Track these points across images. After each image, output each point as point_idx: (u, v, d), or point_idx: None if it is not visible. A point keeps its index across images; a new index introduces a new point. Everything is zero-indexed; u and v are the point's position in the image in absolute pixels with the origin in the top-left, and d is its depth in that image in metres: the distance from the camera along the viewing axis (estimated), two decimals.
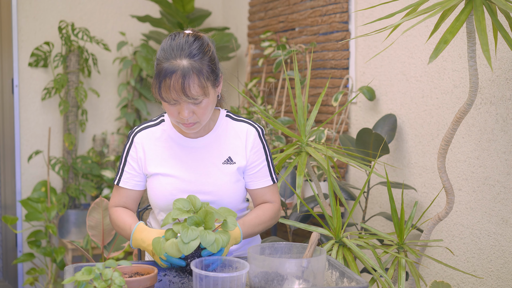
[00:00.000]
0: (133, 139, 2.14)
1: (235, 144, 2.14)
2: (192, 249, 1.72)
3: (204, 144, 2.13)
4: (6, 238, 4.50)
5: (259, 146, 2.15)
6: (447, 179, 2.44)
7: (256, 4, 4.46)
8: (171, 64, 1.93)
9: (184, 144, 2.13)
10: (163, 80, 1.93)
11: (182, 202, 1.81)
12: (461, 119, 2.35)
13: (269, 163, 2.17)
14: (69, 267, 1.84)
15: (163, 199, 2.10)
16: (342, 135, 3.33)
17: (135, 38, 4.66)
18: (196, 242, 1.73)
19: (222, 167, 2.11)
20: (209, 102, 1.99)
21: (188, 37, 1.99)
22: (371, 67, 3.33)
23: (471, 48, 2.24)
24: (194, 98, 1.94)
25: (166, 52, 1.96)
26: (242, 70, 4.65)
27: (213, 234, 1.75)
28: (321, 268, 1.75)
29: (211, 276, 1.67)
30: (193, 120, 1.99)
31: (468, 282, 2.77)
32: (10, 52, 4.38)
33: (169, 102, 1.95)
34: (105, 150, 4.52)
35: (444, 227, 2.88)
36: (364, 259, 2.28)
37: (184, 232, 1.74)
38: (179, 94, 1.92)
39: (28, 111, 4.43)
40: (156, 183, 2.11)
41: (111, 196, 2.19)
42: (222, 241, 1.77)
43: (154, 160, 2.12)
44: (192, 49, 1.96)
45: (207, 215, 1.79)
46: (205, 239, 1.74)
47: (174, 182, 2.10)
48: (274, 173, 2.19)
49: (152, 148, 2.13)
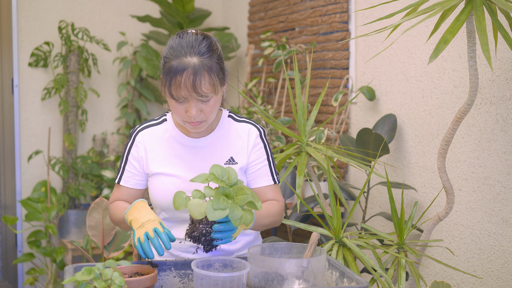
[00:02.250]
0: (135, 137, 2.13)
1: (237, 144, 2.13)
2: (218, 217, 1.69)
3: (207, 144, 2.13)
4: (6, 238, 4.50)
5: (260, 145, 2.15)
6: (447, 179, 2.44)
7: (256, 4, 4.46)
8: (181, 62, 1.93)
9: (186, 143, 2.12)
10: (173, 77, 1.92)
11: (218, 169, 1.78)
12: (461, 119, 2.35)
13: (270, 163, 2.17)
14: (69, 267, 1.84)
15: (165, 198, 2.09)
16: (342, 135, 3.33)
17: (135, 38, 4.66)
18: (224, 212, 1.69)
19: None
20: (217, 100, 2.00)
21: (197, 35, 1.99)
22: (371, 67, 3.33)
23: (471, 48, 2.24)
24: (205, 96, 1.94)
25: (175, 50, 1.95)
26: (242, 70, 4.65)
27: (241, 210, 1.73)
28: (321, 268, 1.75)
29: (212, 276, 1.67)
30: (200, 118, 1.99)
31: (468, 282, 2.77)
32: (10, 52, 4.38)
33: (178, 99, 1.95)
34: (105, 150, 4.52)
35: (444, 227, 2.88)
36: (364, 259, 2.28)
37: (217, 199, 1.70)
38: (190, 91, 1.92)
39: (28, 111, 4.43)
40: (158, 182, 2.11)
41: (111, 195, 2.18)
42: (245, 218, 1.74)
43: (156, 159, 2.11)
44: (201, 47, 1.96)
45: (240, 191, 1.76)
46: (232, 212, 1.71)
47: (175, 182, 2.09)
48: (276, 174, 2.18)
49: (154, 147, 2.12)
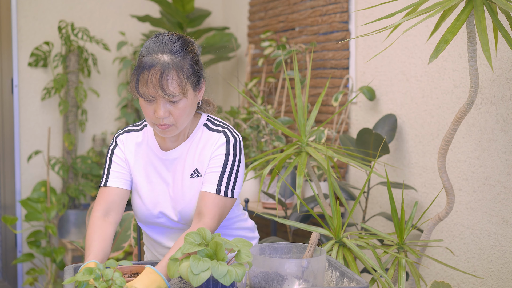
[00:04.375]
0: (117, 141, 2.11)
1: (202, 154, 2.05)
2: (202, 281, 1.62)
3: (176, 156, 2.07)
4: (5, 238, 4.50)
5: (221, 152, 2.03)
6: (447, 179, 2.44)
7: (256, 4, 4.45)
8: (151, 58, 1.90)
9: (159, 155, 2.09)
10: (141, 73, 1.89)
11: (193, 236, 1.72)
12: (462, 119, 2.34)
13: (224, 173, 2.01)
14: (68, 267, 1.84)
15: (141, 213, 2.11)
16: (342, 135, 3.33)
17: (135, 38, 4.66)
18: (206, 274, 1.62)
19: (189, 181, 2.05)
20: (187, 104, 1.94)
21: (173, 36, 1.97)
22: (371, 67, 3.33)
23: (472, 48, 2.24)
24: (171, 95, 1.88)
25: (148, 47, 1.94)
26: (242, 70, 4.65)
27: (225, 266, 1.65)
28: (321, 268, 1.75)
29: (212, 276, 1.66)
30: (168, 121, 1.93)
31: (468, 282, 2.76)
32: (9, 52, 4.37)
33: (145, 97, 1.90)
34: (105, 150, 4.52)
35: (444, 227, 2.88)
36: (364, 259, 2.28)
37: (195, 263, 1.63)
38: (156, 88, 1.87)
39: (28, 111, 4.43)
40: (136, 196, 2.11)
41: (95, 203, 2.06)
42: (236, 273, 1.65)
43: (134, 165, 2.10)
44: (175, 46, 1.93)
45: (217, 246, 1.70)
46: (216, 271, 1.63)
47: (148, 197, 2.08)
48: (226, 187, 2.01)
49: (133, 152, 2.10)
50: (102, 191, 2.07)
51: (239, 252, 1.70)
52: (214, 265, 1.64)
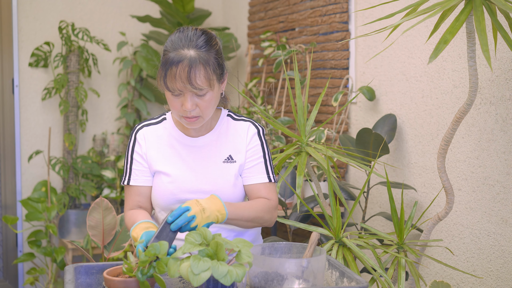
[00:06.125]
0: (136, 135, 2.15)
1: (236, 142, 2.14)
2: (202, 281, 1.63)
3: (205, 143, 2.13)
4: (6, 238, 4.51)
5: (257, 142, 2.15)
6: (447, 179, 2.44)
7: (256, 4, 4.46)
8: (178, 54, 1.95)
9: (185, 142, 2.13)
10: (169, 68, 1.94)
11: (193, 235, 1.74)
12: (461, 119, 2.35)
13: (266, 161, 2.15)
14: (69, 267, 1.85)
15: (164, 198, 2.11)
16: (342, 135, 3.33)
17: (135, 38, 4.66)
18: (207, 274, 1.63)
19: (222, 166, 2.11)
20: (213, 96, 2.01)
21: (197, 30, 2.02)
22: (371, 67, 3.33)
23: (471, 48, 2.24)
24: (199, 89, 1.95)
25: (174, 42, 1.98)
26: (242, 70, 4.65)
27: (225, 266, 1.66)
28: (321, 268, 1.76)
29: (212, 276, 1.67)
30: (196, 113, 2.00)
31: (467, 282, 2.77)
32: (10, 52, 4.38)
33: (173, 92, 1.96)
34: (105, 150, 4.52)
35: (444, 227, 2.88)
36: (364, 259, 2.28)
37: (195, 263, 1.65)
38: (185, 83, 1.93)
39: (28, 111, 4.43)
40: (158, 181, 2.12)
41: (125, 200, 2.17)
42: (236, 274, 1.65)
43: (156, 158, 2.13)
44: (199, 41, 1.98)
45: (218, 246, 1.71)
46: (217, 271, 1.64)
47: (174, 181, 2.10)
48: (272, 173, 2.16)
49: (154, 146, 2.13)
50: (128, 190, 2.15)
51: (240, 252, 1.71)
52: (214, 265, 1.65)
